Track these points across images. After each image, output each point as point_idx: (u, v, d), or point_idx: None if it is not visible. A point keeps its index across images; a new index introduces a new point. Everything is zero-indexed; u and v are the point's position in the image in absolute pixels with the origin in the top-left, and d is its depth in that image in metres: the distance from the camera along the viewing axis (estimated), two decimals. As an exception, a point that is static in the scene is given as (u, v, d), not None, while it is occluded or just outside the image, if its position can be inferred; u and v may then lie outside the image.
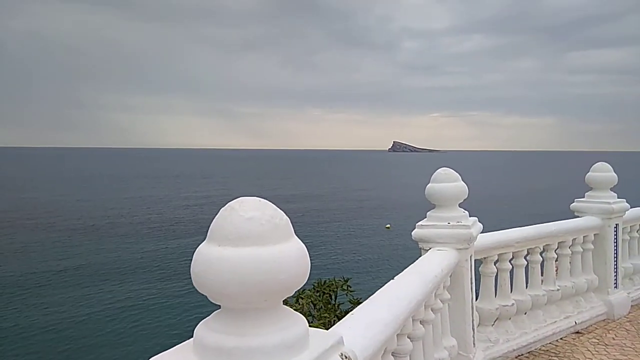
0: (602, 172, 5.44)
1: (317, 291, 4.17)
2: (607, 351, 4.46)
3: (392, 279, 2.78)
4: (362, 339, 1.92)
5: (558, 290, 4.86)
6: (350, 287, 4.86)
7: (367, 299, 2.44)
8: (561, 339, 4.73)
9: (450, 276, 3.54)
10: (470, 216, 3.73)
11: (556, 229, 4.75)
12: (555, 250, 4.95)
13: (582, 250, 5.21)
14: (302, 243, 1.34)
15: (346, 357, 1.39)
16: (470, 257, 3.71)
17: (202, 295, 1.28)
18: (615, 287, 5.43)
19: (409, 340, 2.60)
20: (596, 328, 5.03)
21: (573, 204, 5.55)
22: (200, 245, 1.28)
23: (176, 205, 51.10)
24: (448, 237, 3.53)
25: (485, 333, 4.22)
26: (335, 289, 4.52)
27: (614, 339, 4.76)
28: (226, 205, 1.30)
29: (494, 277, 4.27)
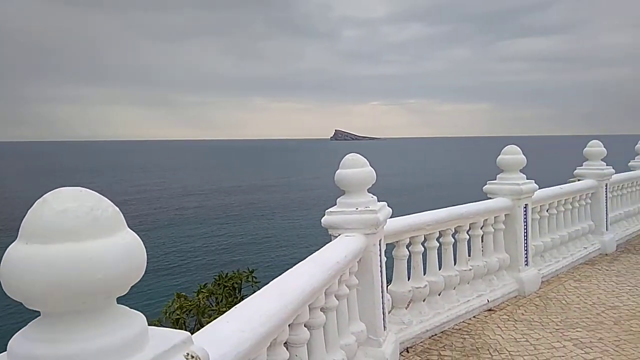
0: (512, 154, 5.65)
1: (219, 285, 4.05)
2: (516, 327, 4.66)
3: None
4: (238, 333, 1.83)
5: (470, 270, 5.01)
6: (256, 278, 4.77)
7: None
8: (474, 317, 4.89)
9: (359, 261, 3.53)
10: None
11: (467, 211, 4.88)
12: (467, 232, 5.10)
13: (493, 230, 5.40)
14: (135, 236, 1.21)
15: (192, 357, 1.29)
16: (380, 241, 3.72)
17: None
18: (526, 264, 5.69)
19: (306, 329, 2.55)
20: (508, 305, 5.25)
21: (485, 186, 5.74)
22: (11, 244, 1.13)
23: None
24: (356, 223, 3.52)
25: (399, 315, 4.28)
26: (240, 281, 4.42)
27: (523, 314, 4.98)
28: (40, 197, 1.16)
29: (406, 260, 4.32)
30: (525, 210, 5.64)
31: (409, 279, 4.48)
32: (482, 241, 5.34)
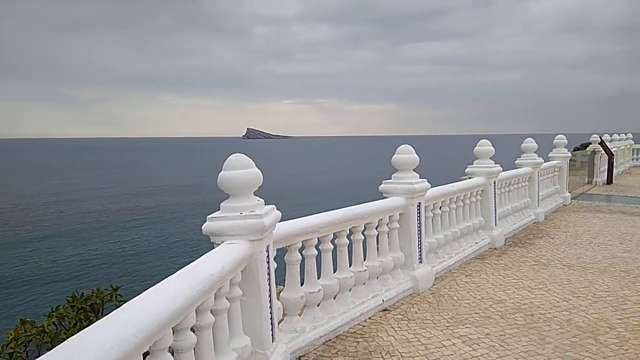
0: (405, 154, 5.69)
1: (72, 306, 3.59)
2: (408, 326, 4.66)
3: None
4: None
5: (366, 270, 4.96)
6: (121, 296, 4.34)
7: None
8: (369, 318, 4.84)
9: (244, 270, 3.28)
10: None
11: (362, 212, 4.81)
12: (363, 232, 5.04)
13: (388, 229, 5.40)
14: None
15: None
16: (268, 247, 3.49)
17: None
18: (420, 262, 5.77)
19: (169, 354, 2.25)
20: (402, 303, 5.27)
21: (381, 185, 5.73)
22: None
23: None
24: (240, 229, 3.25)
25: (292, 323, 4.09)
26: (100, 301, 3.98)
27: (416, 312, 5.01)
28: None
29: (299, 265, 4.14)
30: (419, 209, 5.71)
31: (302, 284, 4.31)
32: (377, 241, 5.32)
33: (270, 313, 3.50)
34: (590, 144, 16.91)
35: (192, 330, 2.58)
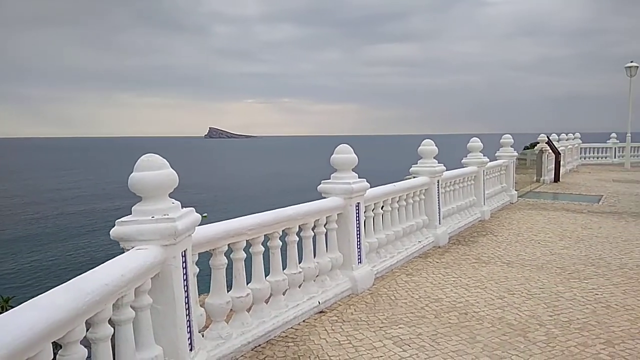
0: (344, 153, 5.63)
1: None
2: (342, 328, 4.59)
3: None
4: None
5: (300, 272, 4.85)
6: (12, 307, 4.07)
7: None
8: (304, 321, 4.74)
9: (157, 277, 3.11)
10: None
11: (295, 213, 4.71)
12: (298, 233, 4.94)
13: (325, 230, 5.33)
14: None
15: None
16: (185, 252, 3.33)
17: None
18: (360, 262, 5.72)
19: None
20: (340, 305, 5.20)
21: (320, 185, 5.65)
22: None
23: None
24: (150, 233, 3.08)
25: (217, 330, 3.94)
26: None
27: (352, 314, 4.95)
28: None
29: (224, 270, 3.99)
30: (358, 209, 5.66)
31: (232, 288, 4.17)
32: (315, 242, 5.23)
33: (188, 321, 3.34)
34: (539, 143, 17.42)
35: (89, 342, 2.41)
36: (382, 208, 6.53)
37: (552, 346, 4.18)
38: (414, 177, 7.75)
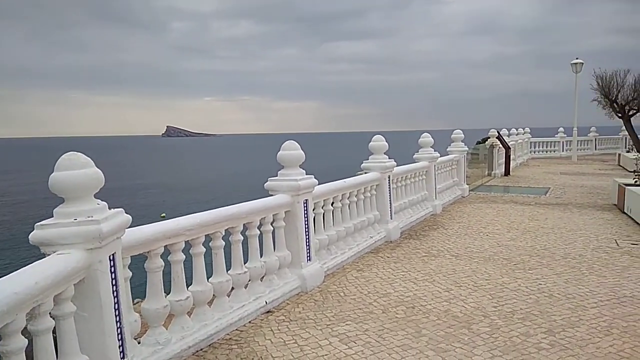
0: (290, 150, 5.54)
1: None
2: (289, 327, 4.50)
3: None
4: None
5: (246, 272, 4.73)
6: None
7: None
8: (250, 322, 4.62)
9: (81, 283, 2.93)
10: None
11: (238, 211, 4.58)
12: (243, 232, 4.81)
13: (272, 228, 5.22)
14: None
15: None
16: (113, 256, 3.15)
17: None
18: (309, 260, 5.64)
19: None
20: (288, 304, 5.11)
21: (267, 182, 5.54)
22: None
23: None
24: (73, 237, 2.89)
25: (154, 336, 3.77)
26: None
27: (300, 312, 4.87)
28: None
29: (161, 272, 3.83)
30: (306, 206, 5.58)
31: (171, 291, 4.01)
32: (262, 240, 5.12)
33: (119, 327, 3.17)
34: (489, 137, 17.87)
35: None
36: (332, 204, 6.48)
37: (495, 337, 4.23)
38: (366, 173, 7.75)
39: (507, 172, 17.71)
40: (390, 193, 8.02)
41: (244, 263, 4.84)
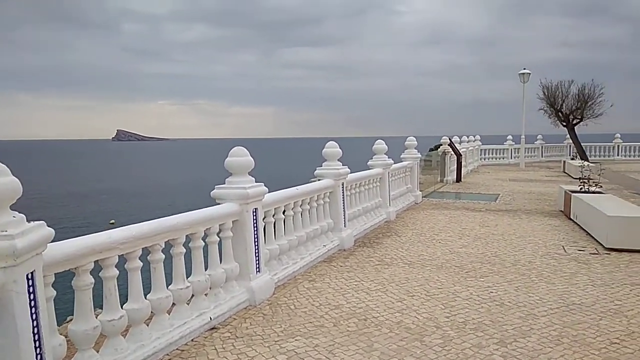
0: (239, 156, 5.29)
1: None
2: (234, 345, 4.24)
3: None
4: None
5: (188, 287, 4.43)
6: None
7: None
8: (192, 340, 4.32)
9: (-8, 306, 2.58)
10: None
11: (179, 222, 4.28)
12: (186, 244, 4.51)
13: (218, 239, 4.95)
14: None
15: None
16: (32, 274, 2.81)
17: None
18: (258, 271, 5.39)
19: None
20: (235, 319, 4.84)
21: (213, 191, 5.26)
22: None
23: None
24: (-19, 255, 2.55)
25: (83, 360, 3.43)
26: None
27: (247, 328, 4.61)
28: None
29: (90, 291, 3.49)
30: (255, 215, 5.34)
31: (102, 310, 3.67)
32: (207, 252, 4.83)
33: (39, 354, 2.83)
34: (441, 145, 18.16)
35: None
36: (284, 213, 6.26)
37: (448, 349, 4.13)
38: (319, 180, 7.58)
39: (458, 179, 18.04)
40: (344, 200, 7.89)
41: (188, 277, 4.55)
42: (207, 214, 4.69)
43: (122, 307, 3.78)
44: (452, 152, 18.00)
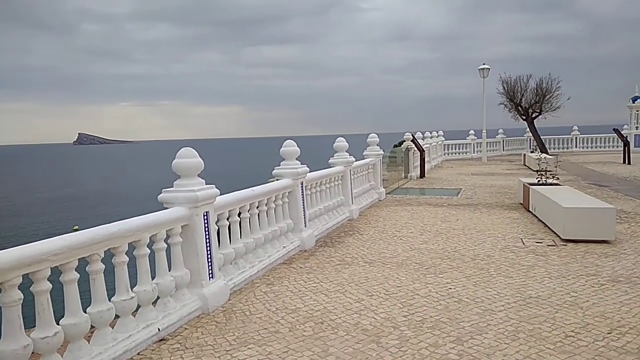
0: (187, 158, 5.07)
1: None
2: (182, 357, 4.03)
3: None
4: None
5: (133, 298, 4.20)
6: None
7: None
8: (138, 354, 4.09)
9: None
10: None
11: (120, 229, 4.04)
12: (130, 252, 4.27)
13: (166, 245, 4.72)
14: None
15: None
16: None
17: None
18: (212, 277, 5.19)
19: None
20: (186, 329, 4.62)
21: (161, 194, 5.03)
22: None
23: None
24: None
25: (12, 383, 3.17)
26: None
27: (198, 338, 4.41)
28: None
29: (19, 307, 3.23)
30: (207, 219, 5.13)
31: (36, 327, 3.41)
32: (149, 261, 4.60)
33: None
34: (405, 141, 18.26)
35: None
36: (239, 215, 6.07)
37: (404, 350, 4.03)
38: (277, 180, 7.41)
39: (422, 175, 18.17)
40: (303, 200, 7.75)
41: (134, 287, 4.31)
42: (152, 220, 4.46)
43: (58, 322, 3.53)
44: (415, 148, 18.11)
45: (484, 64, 25.94)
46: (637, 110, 31.50)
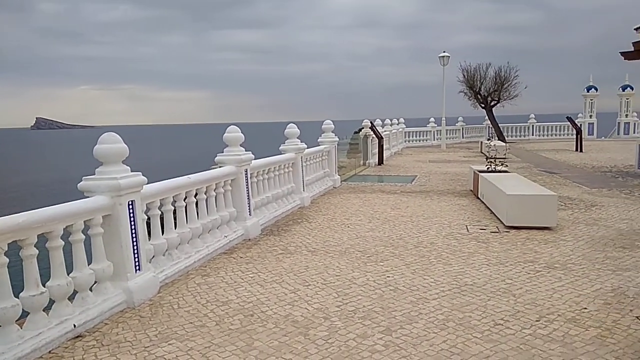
0: (110, 143, 4.78)
1: None
2: (96, 355, 3.80)
3: None
4: None
5: (43, 293, 3.93)
6: None
7: None
8: (50, 352, 3.84)
9: None
10: None
11: (26, 220, 3.75)
12: (41, 244, 3.99)
13: (84, 237, 4.45)
14: None
15: None
16: None
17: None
18: (139, 269, 4.94)
19: None
20: (106, 324, 4.38)
21: (81, 182, 4.73)
22: None
23: None
24: None
25: None
26: None
27: (118, 334, 4.18)
28: None
29: None
30: (132, 208, 4.87)
31: None
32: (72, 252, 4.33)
33: None
34: (363, 128, 18.20)
35: None
36: (173, 204, 5.82)
37: (331, 342, 3.93)
38: (220, 167, 7.17)
39: (380, 162, 18.18)
40: (248, 188, 7.53)
41: (47, 281, 4.04)
42: (66, 210, 4.17)
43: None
44: (374, 135, 18.08)
45: (444, 52, 26.09)
46: (590, 99, 32.47)
